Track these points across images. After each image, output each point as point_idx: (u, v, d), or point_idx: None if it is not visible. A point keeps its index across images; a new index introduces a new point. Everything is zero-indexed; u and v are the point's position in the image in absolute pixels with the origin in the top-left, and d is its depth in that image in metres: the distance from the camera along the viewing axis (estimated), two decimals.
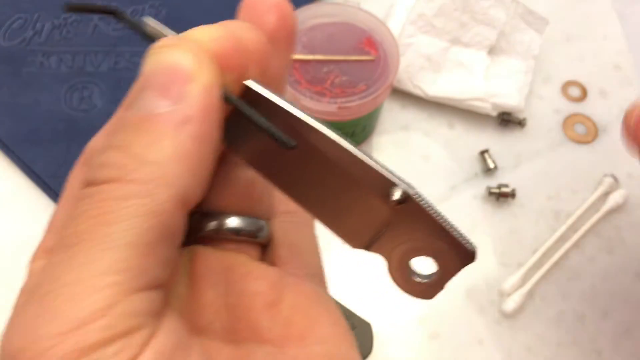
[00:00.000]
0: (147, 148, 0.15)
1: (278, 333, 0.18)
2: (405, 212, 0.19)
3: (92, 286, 0.14)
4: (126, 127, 0.15)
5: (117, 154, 0.15)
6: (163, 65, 0.16)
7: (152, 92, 0.16)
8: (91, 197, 0.14)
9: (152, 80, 0.16)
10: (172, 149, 0.15)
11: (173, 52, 0.16)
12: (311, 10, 0.41)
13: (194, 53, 0.16)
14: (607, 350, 0.39)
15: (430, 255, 0.20)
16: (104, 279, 0.14)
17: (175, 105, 0.15)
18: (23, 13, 0.47)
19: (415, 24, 0.46)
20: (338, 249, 0.25)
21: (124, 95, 0.48)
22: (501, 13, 0.46)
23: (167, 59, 0.16)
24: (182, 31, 0.18)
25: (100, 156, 0.15)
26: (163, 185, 0.15)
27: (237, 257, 0.19)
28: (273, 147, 0.18)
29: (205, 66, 0.16)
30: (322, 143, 0.18)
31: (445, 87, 0.45)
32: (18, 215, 0.41)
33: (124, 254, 0.14)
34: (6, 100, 0.43)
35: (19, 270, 0.43)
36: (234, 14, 0.20)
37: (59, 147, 0.42)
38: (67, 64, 0.45)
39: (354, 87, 0.39)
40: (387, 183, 0.19)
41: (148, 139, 0.15)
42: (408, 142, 0.46)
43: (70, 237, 0.14)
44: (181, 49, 0.16)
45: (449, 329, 0.39)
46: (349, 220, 0.20)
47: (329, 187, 0.19)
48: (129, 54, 0.46)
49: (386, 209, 0.19)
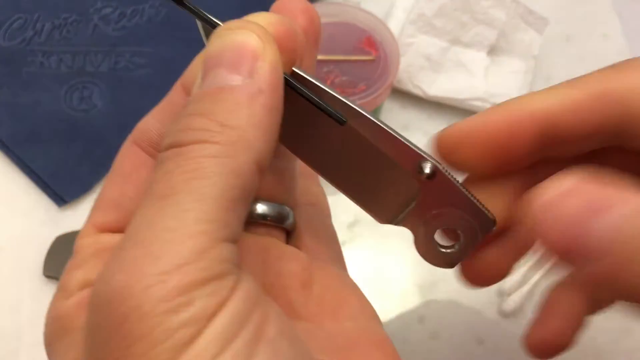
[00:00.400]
0: (228, 114, 0.16)
1: (312, 310, 0.20)
2: (434, 185, 0.20)
3: (188, 233, 0.15)
4: (205, 97, 0.17)
5: (201, 119, 0.16)
6: (232, 44, 0.17)
7: (223, 68, 0.17)
8: (180, 155, 0.16)
9: (222, 58, 0.17)
10: (248, 117, 0.16)
11: (240, 33, 0.18)
12: None
13: (259, 34, 0.17)
14: (607, 349, 0.39)
15: (455, 226, 0.21)
16: (197, 226, 0.15)
17: (248, 79, 0.17)
18: (23, 13, 0.47)
19: (415, 24, 0.46)
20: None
21: (124, 95, 0.48)
22: (501, 13, 0.46)
23: (236, 39, 0.17)
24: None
25: (181, 122, 0.17)
26: (244, 148, 0.16)
27: (270, 240, 0.21)
28: (310, 128, 0.19)
29: (270, 46, 0.17)
30: (359, 122, 0.19)
31: (445, 87, 0.46)
32: (18, 215, 0.41)
33: (213, 206, 0.15)
34: (6, 100, 0.43)
35: (19, 270, 0.43)
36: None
37: (59, 147, 0.42)
38: (67, 64, 0.45)
39: (354, 87, 0.39)
40: (417, 158, 0.20)
41: (227, 107, 0.16)
42: None
43: (164, 189, 0.16)
44: (248, 30, 0.17)
45: (449, 328, 0.39)
46: (378, 195, 0.21)
47: (361, 164, 0.20)
48: (129, 54, 0.46)
49: (415, 183, 0.20)
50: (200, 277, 0.15)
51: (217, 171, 0.16)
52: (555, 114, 0.20)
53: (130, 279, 0.14)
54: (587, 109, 0.20)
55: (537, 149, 0.21)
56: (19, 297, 0.39)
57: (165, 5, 0.48)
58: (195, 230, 0.15)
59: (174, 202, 0.15)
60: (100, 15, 0.47)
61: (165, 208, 0.15)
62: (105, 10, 0.47)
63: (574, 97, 0.20)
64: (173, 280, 0.14)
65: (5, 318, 0.38)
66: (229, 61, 0.17)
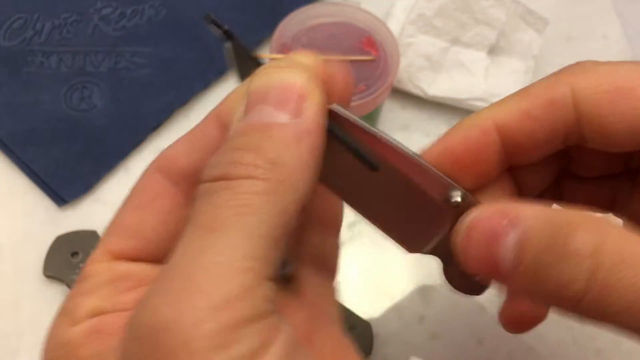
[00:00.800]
0: (278, 153, 0.16)
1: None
2: (462, 213, 0.20)
3: (236, 268, 0.15)
4: (252, 131, 0.17)
5: (251, 155, 0.16)
6: (279, 82, 0.17)
7: (270, 105, 0.17)
8: (230, 189, 0.16)
9: (269, 94, 0.17)
10: (296, 157, 0.17)
11: (289, 71, 0.18)
12: (311, 10, 0.41)
13: (307, 74, 0.18)
14: (607, 349, 0.39)
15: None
16: (246, 263, 0.15)
17: (295, 119, 0.17)
18: (23, 13, 0.47)
19: (415, 24, 0.46)
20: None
21: (124, 95, 0.49)
22: (501, 13, 0.46)
23: (284, 77, 0.18)
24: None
25: (229, 154, 0.17)
26: (291, 188, 0.16)
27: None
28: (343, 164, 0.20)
29: (317, 87, 0.18)
30: (391, 155, 0.20)
31: (445, 87, 0.46)
32: (18, 215, 0.41)
33: (261, 244, 0.15)
34: (6, 100, 0.43)
35: (19, 270, 0.43)
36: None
37: (59, 147, 0.42)
38: (67, 64, 0.45)
39: (354, 87, 0.39)
40: (447, 187, 0.20)
41: (276, 145, 0.16)
42: (408, 142, 0.45)
43: (211, 221, 0.16)
44: (296, 70, 0.18)
45: (449, 328, 0.39)
46: (408, 226, 0.21)
47: (392, 196, 0.21)
48: (129, 54, 0.46)
49: (445, 212, 0.21)
50: (248, 314, 0.15)
51: (266, 209, 0.16)
52: (508, 126, 0.21)
53: (179, 312, 0.14)
54: (537, 117, 0.21)
55: (502, 158, 0.22)
56: (19, 297, 0.39)
57: (165, 6, 0.48)
58: (243, 267, 0.15)
59: (223, 236, 0.15)
60: (100, 15, 0.47)
61: (213, 241, 0.15)
62: (105, 10, 0.47)
63: (523, 108, 0.21)
64: (223, 316, 0.14)
65: (6, 318, 0.38)
66: (276, 98, 0.17)
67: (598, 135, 0.20)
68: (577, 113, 0.20)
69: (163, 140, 0.44)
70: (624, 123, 0.20)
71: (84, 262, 0.38)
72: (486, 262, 0.18)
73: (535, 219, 0.17)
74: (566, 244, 0.16)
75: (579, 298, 0.16)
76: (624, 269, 0.16)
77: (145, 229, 0.20)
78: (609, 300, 0.16)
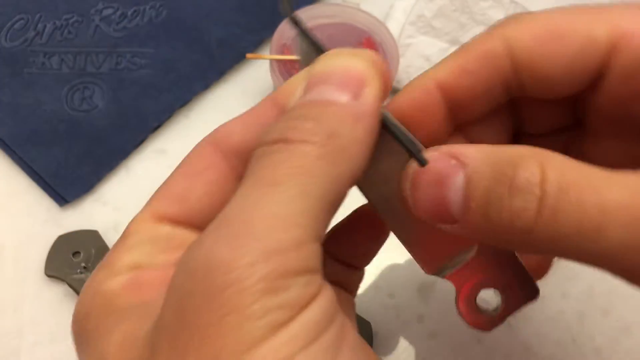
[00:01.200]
0: (336, 126, 0.17)
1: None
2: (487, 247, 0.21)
3: (292, 222, 0.15)
4: (312, 105, 0.18)
5: (310, 123, 0.17)
6: (342, 66, 0.18)
7: (331, 85, 0.18)
8: (289, 150, 0.16)
9: (330, 76, 0.18)
10: (353, 134, 0.17)
11: (352, 58, 0.18)
12: (311, 11, 0.41)
13: (368, 62, 0.18)
14: (607, 349, 0.39)
15: (499, 289, 0.21)
16: (301, 219, 0.16)
17: (355, 101, 0.17)
18: (24, 14, 0.47)
19: (414, 24, 0.46)
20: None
21: (125, 95, 0.49)
22: (500, 14, 0.46)
23: (346, 62, 0.18)
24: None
25: (289, 121, 0.17)
26: (346, 160, 0.17)
27: None
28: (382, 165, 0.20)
29: (376, 75, 0.18)
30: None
31: None
32: (19, 214, 0.41)
33: (316, 205, 0.16)
34: (8, 100, 0.44)
35: (20, 269, 0.43)
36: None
37: (60, 146, 0.42)
38: (69, 65, 0.45)
39: None
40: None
41: (334, 119, 0.17)
42: None
43: (270, 177, 0.16)
44: (359, 57, 0.18)
45: (448, 328, 0.39)
46: (430, 246, 0.21)
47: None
48: (130, 54, 0.46)
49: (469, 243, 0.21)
50: (298, 266, 0.15)
51: (322, 173, 0.16)
52: (447, 83, 0.21)
53: (234, 252, 0.15)
54: (472, 71, 0.21)
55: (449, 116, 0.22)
56: (20, 297, 0.39)
57: (165, 7, 0.48)
58: (298, 222, 0.15)
59: (281, 191, 0.16)
60: (102, 16, 0.47)
61: (271, 194, 0.16)
62: (106, 11, 0.48)
63: (460, 64, 0.21)
64: (275, 262, 0.15)
65: (7, 317, 0.38)
66: (338, 80, 0.18)
67: (535, 81, 0.21)
68: (513, 62, 0.21)
69: (164, 141, 0.44)
70: (558, 66, 0.20)
71: (85, 262, 0.38)
72: (436, 205, 0.18)
73: (482, 157, 0.18)
74: (514, 176, 0.17)
75: (530, 227, 0.17)
76: (569, 192, 0.16)
77: (191, 196, 0.20)
78: (558, 223, 0.16)
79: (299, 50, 0.21)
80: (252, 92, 0.46)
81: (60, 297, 0.39)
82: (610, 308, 0.40)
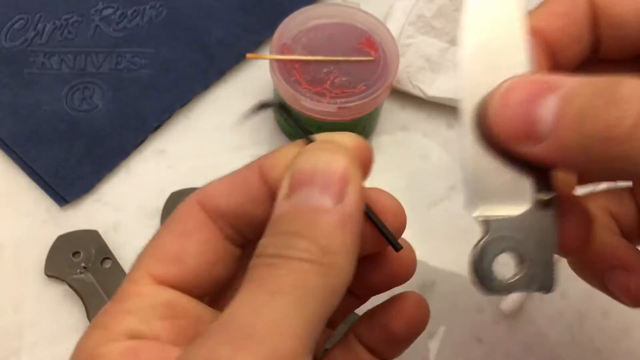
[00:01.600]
0: (327, 240, 0.18)
1: None
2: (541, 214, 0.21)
3: (291, 333, 0.16)
4: (301, 217, 0.18)
5: (304, 242, 0.18)
6: (325, 165, 0.19)
7: (315, 188, 0.18)
8: (290, 266, 0.17)
9: (314, 177, 0.18)
10: (342, 243, 0.18)
11: (333, 154, 0.19)
12: (311, 11, 0.41)
13: (350, 157, 0.19)
14: (607, 349, 0.39)
15: (523, 264, 0.21)
16: (298, 331, 0.16)
17: (339, 204, 0.18)
18: (24, 14, 0.47)
19: (414, 24, 0.46)
20: None
21: (125, 96, 0.49)
22: None
23: (329, 161, 0.19)
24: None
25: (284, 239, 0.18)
26: (339, 272, 0.18)
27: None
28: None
29: (358, 170, 0.19)
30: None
31: (445, 88, 0.46)
32: (20, 214, 0.41)
33: (312, 319, 0.17)
34: (8, 100, 0.44)
35: (20, 269, 0.43)
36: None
37: (60, 147, 0.42)
38: (69, 65, 0.45)
39: (353, 87, 0.39)
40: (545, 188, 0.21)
41: (324, 231, 0.18)
42: (407, 142, 0.46)
43: (272, 286, 0.17)
44: (340, 153, 0.19)
45: (448, 327, 0.39)
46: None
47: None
48: (130, 54, 0.46)
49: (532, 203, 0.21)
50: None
51: (318, 286, 0.17)
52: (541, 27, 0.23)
53: (236, 353, 0.15)
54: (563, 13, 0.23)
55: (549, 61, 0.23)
56: (20, 297, 0.39)
57: (165, 7, 0.48)
58: (297, 334, 0.16)
59: (282, 301, 0.17)
60: (101, 16, 0.47)
61: (272, 303, 0.16)
62: (106, 11, 0.48)
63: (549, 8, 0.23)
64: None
65: (7, 317, 0.38)
66: (322, 182, 0.18)
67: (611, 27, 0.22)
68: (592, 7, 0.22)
69: (164, 141, 0.44)
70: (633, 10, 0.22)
71: (85, 262, 0.39)
72: (524, 123, 0.19)
73: (579, 80, 0.18)
74: (615, 90, 0.17)
75: (627, 135, 0.17)
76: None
77: (187, 257, 0.20)
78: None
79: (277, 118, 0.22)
80: (252, 92, 0.46)
81: (60, 297, 0.39)
82: (610, 309, 0.40)
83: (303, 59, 0.40)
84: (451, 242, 0.41)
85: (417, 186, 0.44)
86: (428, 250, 0.40)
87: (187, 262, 0.20)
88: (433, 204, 0.43)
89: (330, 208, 0.18)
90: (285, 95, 0.39)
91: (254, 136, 0.45)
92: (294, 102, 0.39)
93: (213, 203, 0.21)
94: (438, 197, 0.44)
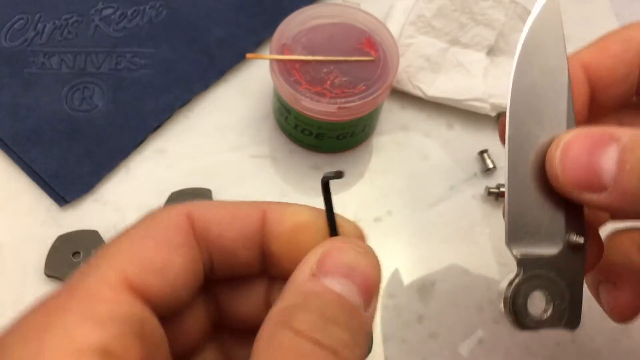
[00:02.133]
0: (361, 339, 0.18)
1: None
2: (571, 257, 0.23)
3: None
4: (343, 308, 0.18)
5: (347, 334, 0.18)
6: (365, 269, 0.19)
7: (355, 286, 0.19)
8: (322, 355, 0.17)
9: (354, 273, 0.19)
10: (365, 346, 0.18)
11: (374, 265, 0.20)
12: (311, 11, 0.41)
13: (380, 271, 0.20)
14: (606, 349, 0.39)
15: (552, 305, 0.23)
16: None
17: (368, 309, 0.19)
18: (24, 14, 0.47)
19: (414, 24, 0.46)
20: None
21: (125, 96, 0.49)
22: (500, 14, 0.46)
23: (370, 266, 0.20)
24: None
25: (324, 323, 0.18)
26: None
27: None
28: None
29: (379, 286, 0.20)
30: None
31: (445, 88, 0.46)
32: (19, 214, 0.41)
33: None
34: (7, 100, 0.44)
35: (20, 269, 0.43)
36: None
37: (60, 147, 0.42)
38: (69, 65, 0.45)
39: (353, 87, 0.39)
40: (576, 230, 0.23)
41: (361, 331, 0.18)
42: (407, 142, 0.46)
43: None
44: (377, 266, 0.20)
45: (448, 328, 0.39)
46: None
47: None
48: (130, 54, 0.46)
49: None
50: None
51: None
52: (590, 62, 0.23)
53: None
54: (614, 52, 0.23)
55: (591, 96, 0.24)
56: (20, 297, 0.39)
57: (165, 7, 0.48)
58: None
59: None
60: (101, 16, 0.47)
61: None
62: (106, 11, 0.48)
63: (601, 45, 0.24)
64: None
65: (7, 317, 0.38)
66: (361, 282, 0.19)
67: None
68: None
69: (164, 141, 0.44)
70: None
71: (84, 262, 0.38)
72: (586, 172, 0.19)
73: (637, 133, 0.19)
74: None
75: None
76: None
77: (170, 271, 0.19)
78: None
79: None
80: (252, 92, 0.46)
81: None
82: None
83: (303, 59, 0.40)
84: (451, 242, 0.41)
85: (417, 186, 0.44)
86: (428, 250, 0.40)
87: (169, 277, 0.19)
88: (433, 204, 0.43)
89: (363, 314, 0.19)
90: (285, 95, 0.39)
91: (254, 136, 0.45)
92: (294, 102, 0.39)
93: (205, 225, 0.20)
94: (438, 197, 0.44)
